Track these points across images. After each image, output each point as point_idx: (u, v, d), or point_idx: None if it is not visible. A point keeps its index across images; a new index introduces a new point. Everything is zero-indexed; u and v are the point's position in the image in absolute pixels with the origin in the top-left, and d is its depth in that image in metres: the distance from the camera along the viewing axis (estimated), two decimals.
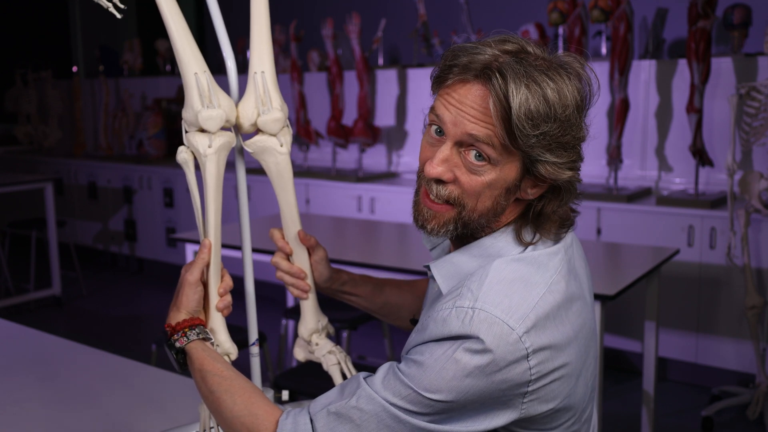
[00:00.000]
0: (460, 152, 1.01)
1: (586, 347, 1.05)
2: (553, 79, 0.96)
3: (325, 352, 1.35)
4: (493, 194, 1.01)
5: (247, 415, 1.05)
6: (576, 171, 1.01)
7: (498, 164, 0.99)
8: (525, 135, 0.95)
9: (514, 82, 0.95)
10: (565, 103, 0.96)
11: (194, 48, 1.16)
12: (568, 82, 0.97)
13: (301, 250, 1.31)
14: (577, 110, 0.97)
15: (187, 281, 1.18)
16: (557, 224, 1.05)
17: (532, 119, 0.95)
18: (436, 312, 0.98)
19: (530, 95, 0.95)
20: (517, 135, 0.96)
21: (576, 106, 0.97)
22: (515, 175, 1.00)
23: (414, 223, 1.08)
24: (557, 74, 0.97)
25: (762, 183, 3.17)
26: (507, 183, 1.01)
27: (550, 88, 0.95)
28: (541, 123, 0.95)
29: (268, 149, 1.22)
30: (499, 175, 1.00)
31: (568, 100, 0.96)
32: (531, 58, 0.98)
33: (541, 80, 0.95)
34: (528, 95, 0.95)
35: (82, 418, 1.66)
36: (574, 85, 0.98)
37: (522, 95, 0.95)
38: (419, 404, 0.95)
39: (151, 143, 6.03)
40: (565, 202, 1.04)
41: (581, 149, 1.01)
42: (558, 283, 1.01)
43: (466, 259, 1.06)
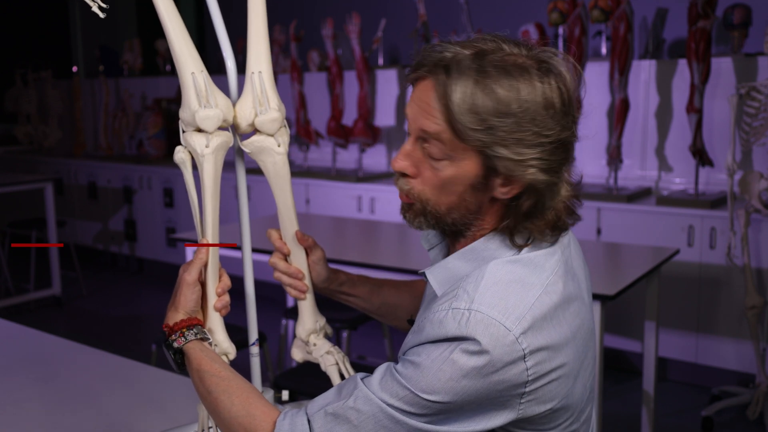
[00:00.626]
0: (423, 147, 1.02)
1: (584, 347, 1.04)
2: (513, 76, 0.95)
3: (323, 353, 1.35)
4: (456, 190, 1.02)
5: (245, 416, 1.05)
6: (548, 171, 0.98)
7: (454, 160, 0.99)
8: (470, 129, 0.96)
9: (459, 77, 0.96)
10: (524, 99, 0.95)
11: (191, 48, 1.16)
12: (537, 79, 0.96)
13: (299, 250, 1.31)
14: (545, 108, 0.96)
15: (185, 281, 1.18)
16: (545, 226, 1.03)
17: (477, 113, 0.95)
18: (433, 313, 0.98)
19: (477, 90, 0.95)
20: (460, 129, 0.96)
21: (544, 104, 0.96)
22: (475, 171, 0.99)
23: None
24: (524, 71, 0.96)
25: (762, 183, 3.17)
26: (468, 179, 1.00)
27: (507, 83, 0.95)
28: (490, 118, 0.95)
29: (265, 149, 1.22)
30: (457, 170, 1.00)
31: (531, 96, 0.95)
32: (497, 55, 0.97)
33: (497, 75, 0.95)
34: (474, 89, 0.95)
35: (82, 418, 1.66)
36: (547, 83, 0.96)
37: (466, 89, 0.95)
38: (416, 405, 0.95)
39: (151, 143, 6.03)
40: (543, 204, 1.01)
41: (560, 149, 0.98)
42: (555, 284, 1.01)
43: (460, 264, 1.06)
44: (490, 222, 1.05)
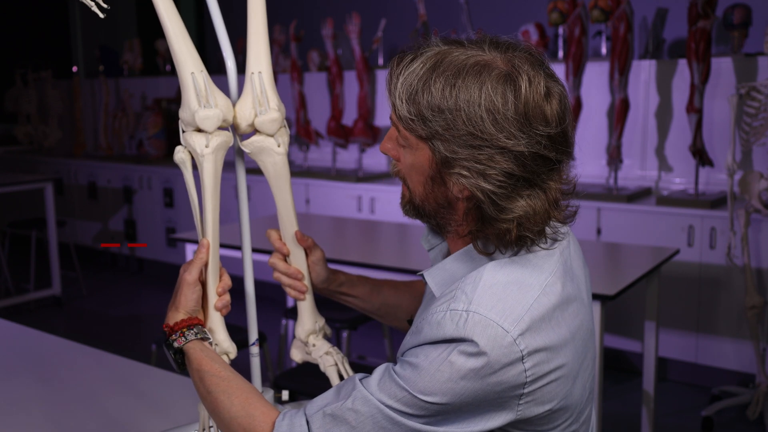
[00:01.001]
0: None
1: (584, 348, 1.04)
2: (459, 74, 0.95)
3: (322, 353, 1.34)
4: (419, 179, 1.03)
5: (244, 416, 1.05)
6: (489, 179, 0.95)
7: (411, 147, 1.02)
8: (408, 118, 0.98)
9: (407, 67, 0.98)
10: (462, 98, 0.94)
11: (191, 47, 1.16)
12: (488, 82, 0.94)
13: (299, 250, 1.31)
14: (487, 111, 0.93)
15: (186, 281, 1.18)
16: (496, 238, 1.00)
17: (415, 103, 0.97)
18: (431, 315, 0.98)
19: (418, 82, 0.97)
20: (401, 116, 0.99)
21: (487, 108, 0.93)
22: (427, 161, 1.00)
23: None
24: (477, 72, 0.95)
25: (762, 183, 3.17)
26: (425, 169, 1.01)
27: (443, 79, 0.95)
28: (424, 110, 0.96)
29: (265, 149, 1.22)
30: (414, 159, 1.02)
31: (471, 96, 0.94)
32: (460, 53, 0.97)
33: (442, 72, 0.96)
34: (415, 81, 0.97)
35: (82, 419, 1.66)
36: (500, 89, 0.94)
37: (407, 80, 0.98)
38: (414, 406, 0.95)
39: (151, 143, 6.03)
40: (483, 211, 0.98)
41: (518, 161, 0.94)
42: (553, 285, 1.00)
43: (458, 266, 1.06)
44: (466, 221, 1.03)
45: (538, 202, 0.98)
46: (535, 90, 0.95)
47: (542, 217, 0.98)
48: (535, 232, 0.99)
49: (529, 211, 0.97)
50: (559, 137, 0.97)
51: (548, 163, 0.97)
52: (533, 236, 0.99)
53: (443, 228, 1.08)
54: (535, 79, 0.95)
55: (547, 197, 0.98)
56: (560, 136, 0.97)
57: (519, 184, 0.96)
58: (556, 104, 0.97)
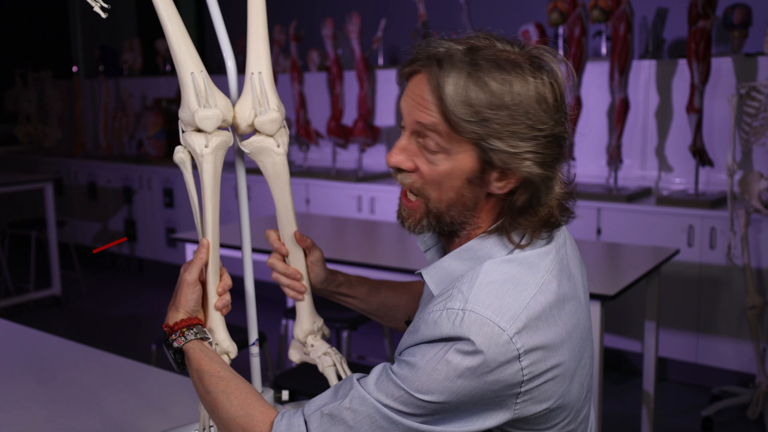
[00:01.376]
0: (418, 142, 1.03)
1: (581, 347, 1.04)
2: (506, 70, 0.97)
3: (320, 354, 1.34)
4: (453, 185, 1.02)
5: (243, 416, 1.05)
6: (543, 165, 0.99)
7: (450, 153, 1.00)
8: (465, 121, 0.97)
9: (452, 70, 0.97)
10: (517, 92, 0.96)
11: (191, 47, 1.16)
12: (529, 74, 0.97)
13: (297, 251, 1.31)
14: (538, 102, 0.97)
15: (186, 281, 1.18)
16: (540, 223, 1.04)
17: (470, 105, 0.96)
18: (428, 314, 0.98)
19: (470, 82, 0.96)
20: (455, 121, 0.97)
21: (537, 99, 0.97)
22: (471, 164, 1.00)
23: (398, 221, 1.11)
24: (517, 66, 0.98)
25: (762, 183, 3.17)
26: (465, 173, 1.01)
27: (499, 77, 0.96)
28: (483, 110, 0.96)
29: (265, 150, 1.22)
30: (454, 164, 1.01)
31: (524, 90, 0.96)
32: (487, 51, 0.99)
33: (488, 69, 0.97)
34: (466, 82, 0.96)
35: (82, 419, 1.66)
36: (539, 78, 0.98)
37: (459, 81, 0.97)
38: (412, 405, 0.96)
39: (151, 143, 6.03)
40: (538, 198, 1.02)
41: (554, 144, 1.00)
42: (550, 283, 1.01)
43: (456, 264, 1.06)
44: (486, 220, 1.05)
45: (559, 183, 1.05)
46: (561, 75, 1.01)
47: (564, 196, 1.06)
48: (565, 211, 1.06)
49: (559, 192, 1.05)
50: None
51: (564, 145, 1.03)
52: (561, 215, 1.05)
53: (456, 232, 1.07)
54: (558, 64, 1.01)
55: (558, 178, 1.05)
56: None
57: (557, 166, 1.03)
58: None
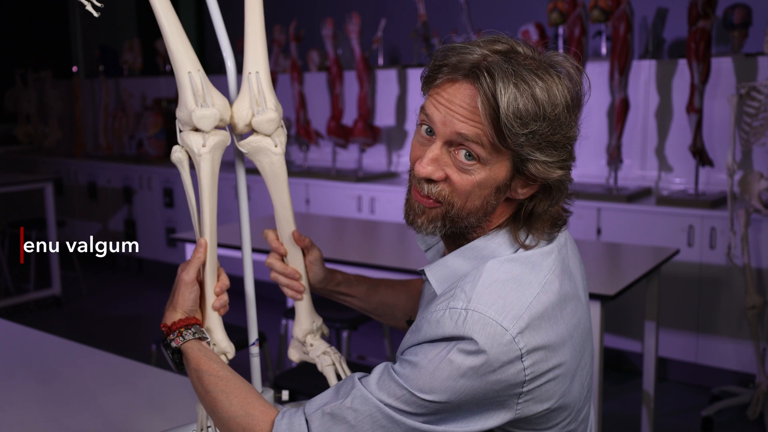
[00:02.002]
0: (450, 151, 1.01)
1: (581, 347, 1.05)
2: (542, 78, 0.96)
3: (319, 353, 1.34)
4: (482, 194, 1.02)
5: (243, 416, 1.05)
6: (567, 170, 1.02)
7: (488, 163, 1.00)
8: (514, 134, 0.96)
9: (502, 81, 0.95)
10: (554, 102, 0.96)
11: (188, 47, 1.16)
12: (557, 81, 0.98)
13: (296, 250, 1.31)
14: (567, 109, 0.97)
15: (183, 281, 1.18)
16: (549, 224, 1.06)
17: (520, 118, 0.95)
18: (430, 313, 0.98)
19: (519, 94, 0.95)
20: (506, 134, 0.96)
21: (566, 105, 0.97)
22: (505, 174, 1.01)
23: (405, 220, 1.08)
24: (546, 73, 0.97)
25: (762, 183, 3.17)
26: (497, 182, 1.01)
27: (539, 87, 0.96)
28: (530, 122, 0.95)
29: (262, 149, 1.21)
30: (489, 174, 1.00)
31: (558, 99, 0.96)
32: (520, 58, 0.98)
33: (530, 79, 0.96)
34: (516, 94, 0.95)
35: (82, 419, 1.66)
36: (564, 84, 0.98)
37: (510, 94, 0.95)
38: (414, 405, 0.95)
39: (150, 143, 6.03)
40: (556, 201, 1.05)
41: (573, 148, 1.02)
42: (552, 283, 1.01)
43: (460, 262, 1.06)
44: (496, 221, 1.06)
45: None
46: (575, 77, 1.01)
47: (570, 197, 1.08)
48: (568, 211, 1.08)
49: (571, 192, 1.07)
50: None
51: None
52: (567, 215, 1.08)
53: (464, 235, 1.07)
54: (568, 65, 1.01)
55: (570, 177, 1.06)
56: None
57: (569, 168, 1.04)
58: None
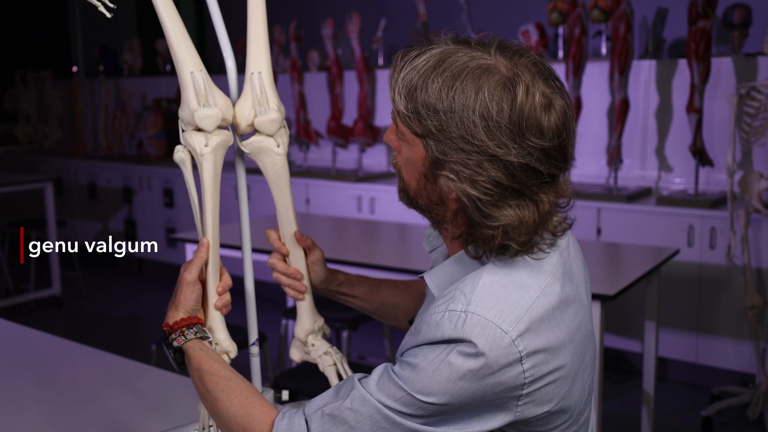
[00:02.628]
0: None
1: (583, 349, 1.04)
2: (459, 75, 0.94)
3: (321, 353, 1.34)
4: (414, 175, 1.03)
5: (244, 416, 1.05)
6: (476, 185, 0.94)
7: (407, 142, 1.01)
8: (405, 114, 0.98)
9: (414, 63, 0.97)
10: (457, 101, 0.93)
11: (190, 46, 1.16)
12: (486, 87, 0.93)
13: (298, 250, 1.31)
14: (481, 117, 0.92)
15: (186, 280, 1.18)
16: (485, 244, 0.98)
17: (412, 100, 0.96)
18: (430, 315, 0.98)
19: (418, 78, 0.96)
20: (398, 111, 0.99)
21: (481, 113, 0.92)
22: (421, 158, 1.00)
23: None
24: (477, 76, 0.93)
25: (762, 183, 3.17)
26: (419, 166, 1.01)
27: (442, 79, 0.94)
28: (419, 107, 0.96)
29: (264, 150, 1.22)
30: (410, 153, 1.02)
31: (466, 100, 0.93)
32: (464, 54, 0.96)
33: (443, 71, 0.95)
34: (415, 78, 0.96)
35: (82, 419, 1.66)
36: (497, 95, 0.92)
37: (407, 75, 0.97)
38: (413, 406, 0.95)
39: (151, 143, 6.03)
40: (470, 218, 0.97)
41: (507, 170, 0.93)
42: (552, 286, 1.00)
43: (458, 268, 1.06)
44: (456, 222, 1.02)
45: (527, 213, 0.96)
46: (532, 100, 0.93)
47: (529, 229, 0.96)
48: (520, 242, 0.97)
49: (515, 221, 0.95)
50: (555, 151, 0.95)
51: (539, 175, 0.95)
52: (518, 246, 0.97)
53: (440, 224, 1.07)
54: (534, 88, 0.93)
55: (538, 209, 0.97)
56: (556, 149, 0.95)
57: (507, 194, 0.95)
58: (555, 117, 0.94)
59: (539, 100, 0.93)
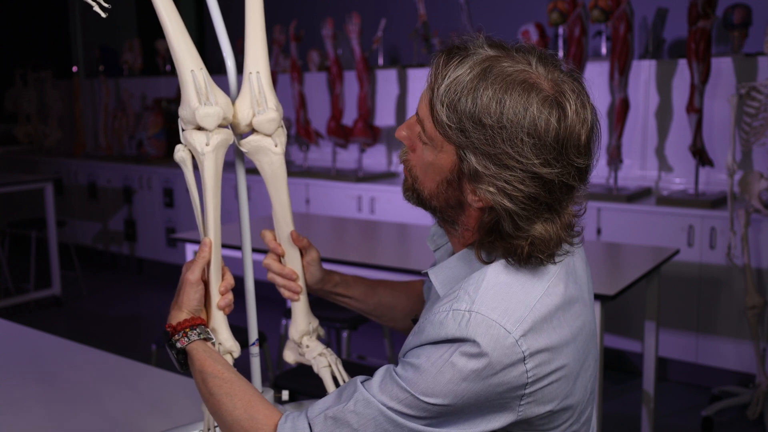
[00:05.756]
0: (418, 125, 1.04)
1: (585, 349, 1.04)
2: (507, 89, 0.93)
3: (315, 355, 1.34)
4: (435, 178, 1.02)
5: (247, 419, 1.05)
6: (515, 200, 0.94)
7: (435, 147, 1.00)
8: (446, 124, 0.96)
9: (457, 70, 0.95)
10: (506, 116, 0.92)
11: (190, 45, 1.15)
12: (534, 104, 0.92)
13: (294, 251, 1.30)
14: (528, 135, 0.92)
15: (188, 280, 1.17)
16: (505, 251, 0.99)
17: (455, 111, 0.95)
18: (433, 314, 0.98)
19: (464, 88, 0.94)
20: (438, 119, 0.97)
21: (529, 131, 0.92)
22: (449, 166, 0.99)
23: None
24: (524, 91, 0.93)
25: (762, 183, 3.17)
26: (444, 172, 1.00)
27: (491, 92, 0.93)
28: (465, 120, 0.94)
29: (262, 149, 1.21)
30: (435, 158, 1.01)
31: (515, 116, 0.92)
32: (508, 64, 0.95)
33: (492, 82, 0.93)
34: (461, 87, 0.94)
35: (82, 419, 1.66)
36: (545, 112, 0.92)
37: (452, 84, 0.95)
38: (416, 408, 0.95)
39: (151, 143, 6.03)
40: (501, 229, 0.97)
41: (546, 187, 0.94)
42: (556, 286, 1.00)
43: (463, 266, 1.06)
44: (477, 230, 1.03)
45: (552, 227, 0.98)
46: (578, 120, 0.94)
47: (555, 241, 0.98)
48: (546, 255, 0.99)
49: (544, 234, 0.97)
50: (587, 168, 0.97)
51: (571, 191, 0.97)
52: (543, 258, 0.99)
53: (450, 224, 1.07)
54: (577, 107, 0.94)
55: (561, 221, 0.99)
56: (588, 167, 0.97)
57: (541, 209, 0.96)
58: (589, 135, 0.96)
59: (581, 119, 0.95)
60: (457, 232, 1.07)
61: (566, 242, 1.01)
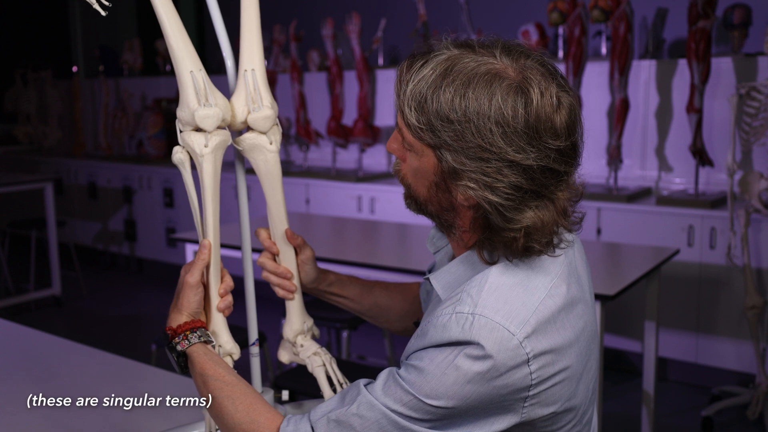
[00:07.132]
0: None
1: (588, 349, 1.04)
2: (469, 84, 0.93)
3: (310, 354, 1.33)
4: (424, 183, 1.02)
5: (249, 422, 1.05)
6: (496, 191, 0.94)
7: (417, 152, 1.00)
8: (416, 126, 0.96)
9: (421, 72, 0.96)
10: (471, 109, 0.92)
11: (189, 46, 1.15)
12: (498, 93, 0.92)
13: (288, 249, 1.30)
14: (497, 124, 0.92)
15: (188, 283, 1.17)
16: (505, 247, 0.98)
17: (423, 112, 0.95)
18: (436, 317, 0.98)
19: (429, 88, 0.94)
20: (409, 123, 0.97)
21: (497, 120, 0.92)
22: (432, 168, 0.99)
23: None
24: (488, 82, 0.92)
25: (762, 183, 3.17)
26: (429, 175, 1.00)
27: (453, 88, 0.93)
28: (433, 119, 0.94)
29: (257, 147, 1.21)
30: (420, 163, 1.01)
31: (480, 108, 0.92)
32: (471, 59, 0.95)
33: (454, 79, 0.93)
34: (425, 88, 0.95)
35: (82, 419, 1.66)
36: (510, 100, 0.92)
37: (417, 86, 0.95)
38: (420, 410, 0.95)
39: (151, 143, 6.03)
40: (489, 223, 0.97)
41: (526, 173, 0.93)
42: (559, 287, 1.00)
43: (464, 269, 1.06)
44: (473, 229, 1.02)
45: (546, 213, 0.97)
46: (547, 103, 0.93)
47: (550, 227, 0.98)
48: (543, 243, 0.98)
49: (537, 221, 0.96)
50: (569, 149, 0.96)
51: (557, 175, 0.96)
52: (541, 246, 0.98)
53: (448, 228, 1.07)
54: (547, 91, 0.93)
55: (556, 207, 0.98)
56: (569, 148, 0.96)
57: (527, 196, 0.95)
58: (566, 116, 0.95)
59: (551, 101, 0.93)
60: (455, 236, 1.07)
61: (564, 228, 1.00)
